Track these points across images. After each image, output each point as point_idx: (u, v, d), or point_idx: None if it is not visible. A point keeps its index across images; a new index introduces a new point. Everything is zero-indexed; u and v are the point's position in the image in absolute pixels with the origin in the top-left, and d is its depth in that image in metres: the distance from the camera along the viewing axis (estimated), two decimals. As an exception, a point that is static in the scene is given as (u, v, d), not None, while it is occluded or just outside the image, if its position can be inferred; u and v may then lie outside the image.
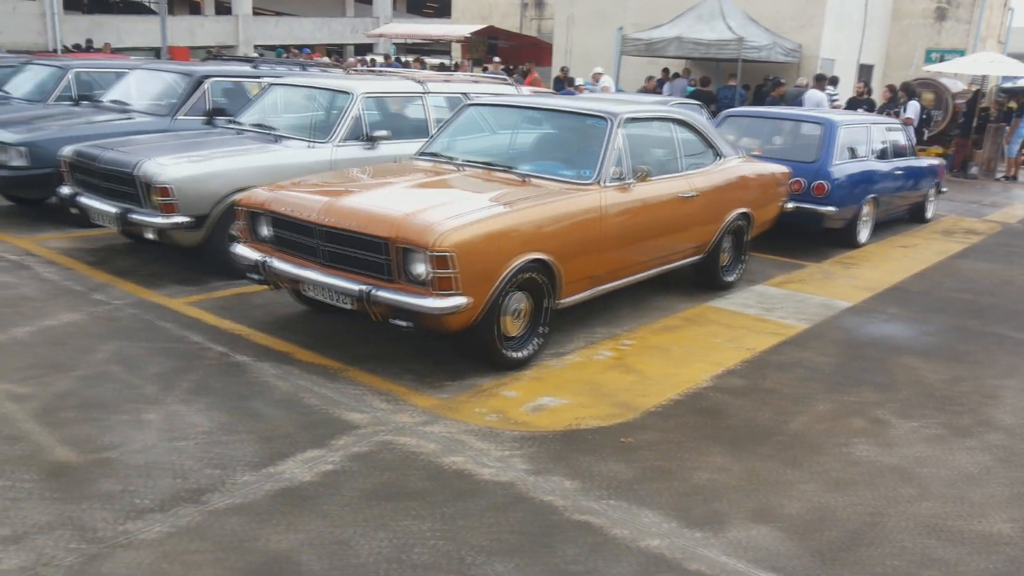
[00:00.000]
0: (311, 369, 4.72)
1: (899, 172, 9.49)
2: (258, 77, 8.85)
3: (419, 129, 7.48)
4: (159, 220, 5.92)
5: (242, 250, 5.15)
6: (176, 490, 3.37)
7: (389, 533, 3.17)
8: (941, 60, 19.38)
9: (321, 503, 3.34)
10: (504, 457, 3.81)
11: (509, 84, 8.71)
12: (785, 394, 4.77)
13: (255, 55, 24.15)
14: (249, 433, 3.90)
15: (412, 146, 7.12)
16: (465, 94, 7.99)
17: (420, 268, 4.35)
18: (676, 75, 18.47)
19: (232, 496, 3.35)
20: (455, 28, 25.34)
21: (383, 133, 6.95)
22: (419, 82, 7.66)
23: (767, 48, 17.90)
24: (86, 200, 6.46)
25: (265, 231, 5.05)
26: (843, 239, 8.85)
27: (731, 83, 17.26)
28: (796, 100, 14.30)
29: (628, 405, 4.48)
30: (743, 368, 5.12)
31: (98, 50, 21.85)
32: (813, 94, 13.45)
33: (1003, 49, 23.16)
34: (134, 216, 6.04)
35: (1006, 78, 21.20)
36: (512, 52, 24.85)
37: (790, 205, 7.76)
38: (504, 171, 5.44)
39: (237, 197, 5.24)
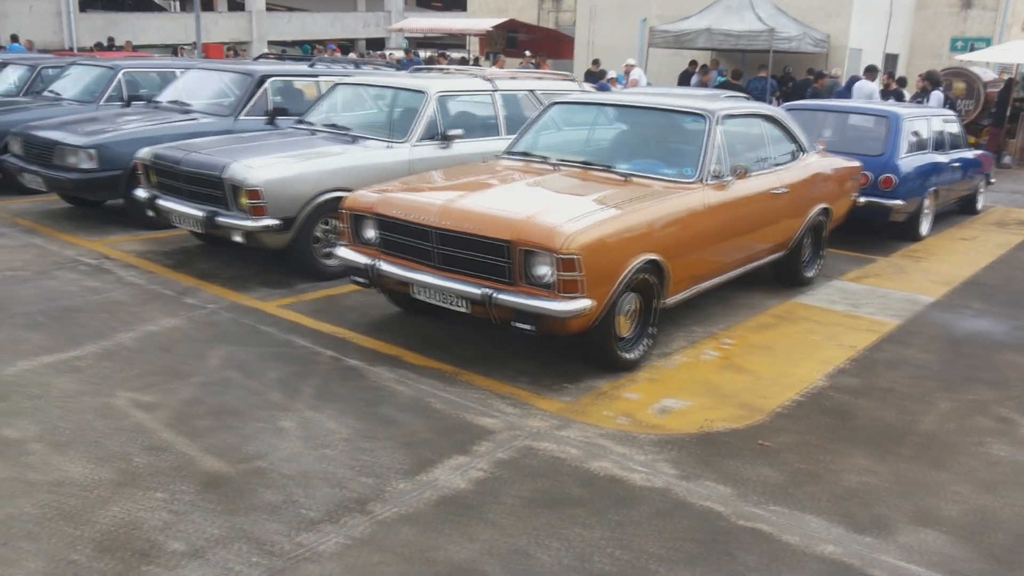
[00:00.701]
0: (425, 373, 4.69)
1: (956, 164, 9.45)
2: (315, 76, 8.80)
3: (489, 127, 7.43)
4: (249, 223, 5.88)
5: (347, 253, 5.11)
6: (338, 500, 3.34)
7: (563, 542, 3.14)
8: (972, 49, 19.27)
9: (485, 511, 3.32)
10: (649, 462, 3.78)
11: (572, 80, 8.65)
12: (903, 393, 4.74)
13: (271, 52, 24.09)
14: (389, 439, 3.87)
15: (484, 144, 7.12)
16: (532, 91, 7.95)
17: (543, 270, 4.31)
18: (704, 67, 18.39)
19: (395, 505, 3.32)
20: (474, 22, 25.26)
21: (458, 132, 6.91)
22: (488, 80, 7.61)
23: (797, 39, 17.84)
24: (166, 203, 6.42)
25: (371, 234, 5.01)
26: (905, 232, 8.81)
27: (761, 74, 17.19)
28: (835, 91, 14.23)
29: (752, 406, 4.45)
30: (853, 367, 5.09)
31: (120, 48, 21.78)
32: (864, 85, 13.32)
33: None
34: (221, 219, 6.00)
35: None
36: (532, 45, 24.74)
37: (862, 199, 7.71)
38: (602, 171, 5.40)
39: (343, 199, 5.18)
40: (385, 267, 4.87)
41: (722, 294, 6.33)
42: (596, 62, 18.49)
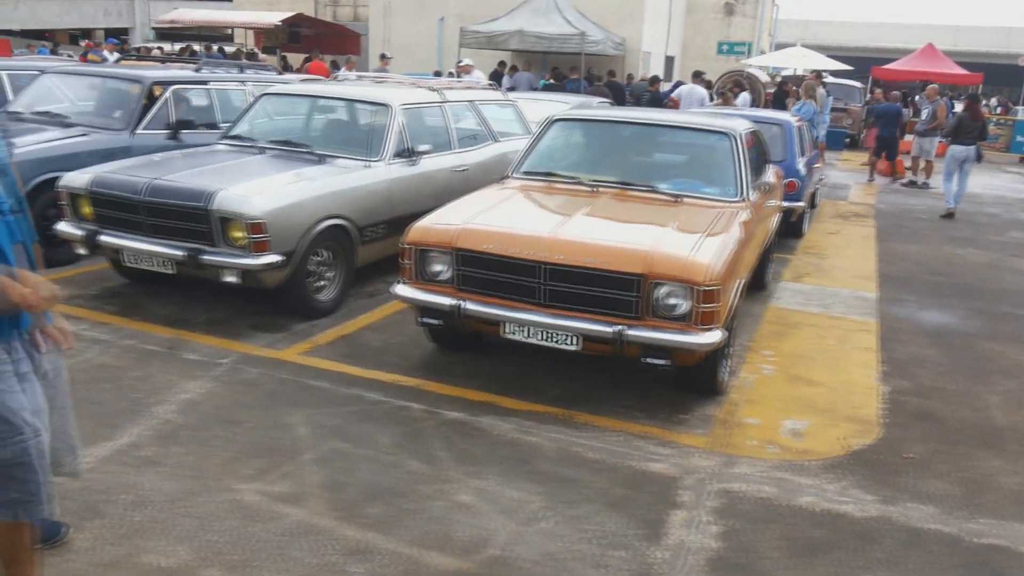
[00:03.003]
0: (536, 418, 4.36)
1: (817, 164, 10.42)
2: (205, 83, 7.78)
3: (444, 141, 7.02)
4: (248, 261, 5.09)
5: (414, 292, 4.59)
6: (622, 583, 3.02)
7: (867, 591, 3.08)
8: (747, 55, 21.28)
9: (764, 569, 3.16)
10: (842, 490, 3.80)
11: (497, 88, 8.39)
12: (954, 391, 5.14)
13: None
14: (588, 502, 3.56)
15: (442, 160, 6.78)
16: (472, 102, 7.64)
17: (673, 302, 4.17)
18: (515, 67, 18.68)
19: (680, 579, 3.06)
20: (254, 15, 23.69)
21: (426, 147, 6.47)
22: (435, 91, 7.17)
23: (602, 42, 18.66)
24: (117, 240, 5.37)
25: (439, 269, 4.54)
26: (793, 230, 9.52)
27: (573, 76, 17.81)
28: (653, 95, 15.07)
29: (858, 419, 4.62)
30: (892, 370, 5.42)
31: None
32: (694, 89, 14.19)
33: (772, 41, 25.93)
34: (208, 258, 5.14)
35: (776, 68, 23.77)
36: (316, 41, 23.71)
37: (784, 204, 8.27)
38: (646, 191, 5.28)
39: (409, 234, 4.63)
40: (472, 307, 4.44)
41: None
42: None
